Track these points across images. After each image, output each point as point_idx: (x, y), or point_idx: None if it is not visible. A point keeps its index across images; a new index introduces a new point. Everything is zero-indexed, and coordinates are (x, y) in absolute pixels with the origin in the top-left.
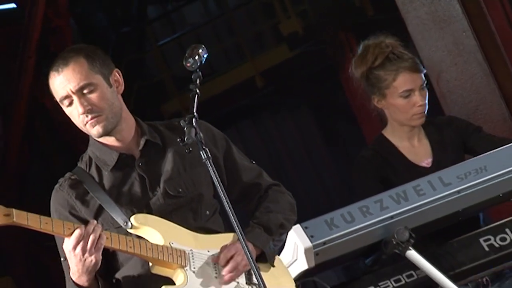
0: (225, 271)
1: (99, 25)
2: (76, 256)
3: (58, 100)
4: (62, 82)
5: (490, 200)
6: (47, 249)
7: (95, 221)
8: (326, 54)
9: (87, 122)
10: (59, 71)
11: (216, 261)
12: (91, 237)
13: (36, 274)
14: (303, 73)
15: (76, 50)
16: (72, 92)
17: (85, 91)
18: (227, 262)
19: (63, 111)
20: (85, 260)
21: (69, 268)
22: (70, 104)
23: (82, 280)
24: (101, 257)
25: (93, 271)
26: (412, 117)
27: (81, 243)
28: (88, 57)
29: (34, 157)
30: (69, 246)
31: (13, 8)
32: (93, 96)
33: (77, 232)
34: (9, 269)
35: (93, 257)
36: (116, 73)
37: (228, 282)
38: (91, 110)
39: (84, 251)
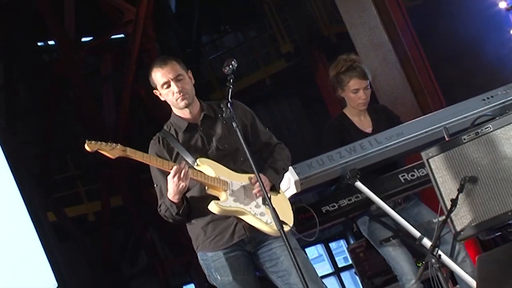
0: (255, 191)
1: (172, 47)
2: (174, 182)
3: (159, 85)
4: (164, 73)
5: (405, 152)
6: (142, 180)
7: (184, 162)
8: (307, 65)
9: (178, 98)
10: (162, 67)
11: (251, 185)
12: (183, 171)
13: (136, 196)
14: (294, 76)
15: (169, 57)
16: (171, 79)
17: (179, 78)
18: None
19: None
20: (179, 185)
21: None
22: (168, 87)
23: (175, 198)
24: (188, 184)
25: (182, 193)
26: (358, 105)
27: (177, 174)
28: (177, 60)
29: (134, 125)
30: (170, 176)
31: (122, 37)
32: (183, 82)
33: (175, 167)
34: (120, 191)
35: (183, 183)
36: (190, 72)
37: (256, 197)
38: (182, 90)
39: (179, 179)
